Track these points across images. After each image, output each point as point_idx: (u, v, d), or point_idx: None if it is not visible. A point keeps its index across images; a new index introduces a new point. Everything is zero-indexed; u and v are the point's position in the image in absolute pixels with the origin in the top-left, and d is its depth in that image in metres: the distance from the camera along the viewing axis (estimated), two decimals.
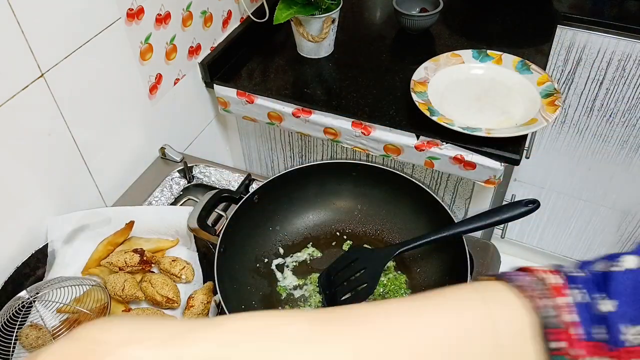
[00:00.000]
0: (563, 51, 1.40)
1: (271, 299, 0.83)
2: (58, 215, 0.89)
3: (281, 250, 0.89)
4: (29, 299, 0.77)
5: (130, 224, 0.88)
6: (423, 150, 1.07)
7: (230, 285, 0.78)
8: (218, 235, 0.80)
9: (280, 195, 0.90)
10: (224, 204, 0.95)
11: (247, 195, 0.85)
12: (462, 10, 1.42)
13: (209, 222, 0.86)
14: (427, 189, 0.84)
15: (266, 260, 0.88)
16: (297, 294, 0.84)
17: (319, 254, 0.89)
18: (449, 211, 0.80)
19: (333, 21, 1.20)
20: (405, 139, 1.08)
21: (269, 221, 0.90)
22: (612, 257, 0.36)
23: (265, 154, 1.38)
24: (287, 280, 0.85)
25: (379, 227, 0.91)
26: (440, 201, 0.82)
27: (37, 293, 0.78)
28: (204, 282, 0.84)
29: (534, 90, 1.10)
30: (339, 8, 1.19)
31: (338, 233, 0.92)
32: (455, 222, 0.79)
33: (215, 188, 0.99)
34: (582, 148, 1.58)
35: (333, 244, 0.91)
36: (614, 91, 1.42)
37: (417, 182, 0.85)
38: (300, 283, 0.85)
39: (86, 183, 0.95)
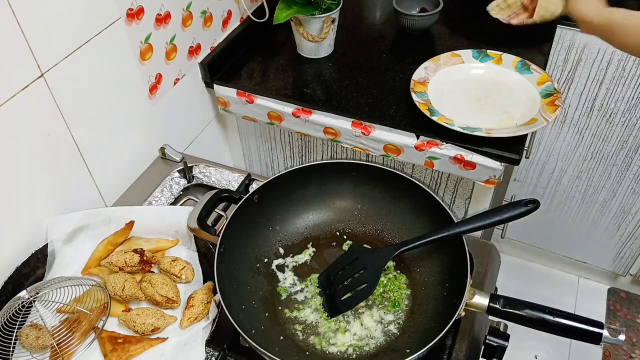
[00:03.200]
0: (563, 51, 1.40)
1: (271, 299, 0.83)
2: (58, 215, 0.89)
3: (281, 250, 0.89)
4: (29, 299, 0.77)
5: (130, 224, 0.88)
6: (423, 150, 1.07)
7: (230, 285, 0.78)
8: (218, 235, 0.80)
9: (280, 195, 0.90)
10: (224, 204, 0.95)
11: (247, 195, 0.85)
12: (462, 10, 1.42)
13: (209, 222, 0.87)
14: (427, 189, 0.84)
15: (266, 260, 0.87)
16: (297, 295, 0.84)
17: (319, 254, 0.89)
18: (449, 211, 0.81)
19: (333, 21, 1.20)
20: (405, 139, 1.08)
21: (269, 221, 0.90)
22: None
23: (265, 154, 1.38)
24: (288, 281, 0.85)
25: (379, 227, 0.91)
26: (440, 201, 0.82)
27: (37, 293, 0.78)
28: (204, 282, 0.84)
29: (534, 90, 1.10)
30: (339, 8, 1.19)
31: (338, 233, 0.92)
32: (455, 222, 0.79)
33: (215, 188, 0.99)
34: (582, 148, 1.58)
35: (333, 244, 0.91)
36: (614, 91, 1.42)
37: (417, 182, 0.85)
38: (303, 286, 0.85)
39: (86, 183, 0.95)
